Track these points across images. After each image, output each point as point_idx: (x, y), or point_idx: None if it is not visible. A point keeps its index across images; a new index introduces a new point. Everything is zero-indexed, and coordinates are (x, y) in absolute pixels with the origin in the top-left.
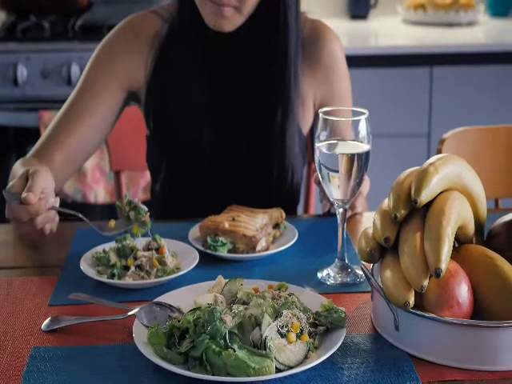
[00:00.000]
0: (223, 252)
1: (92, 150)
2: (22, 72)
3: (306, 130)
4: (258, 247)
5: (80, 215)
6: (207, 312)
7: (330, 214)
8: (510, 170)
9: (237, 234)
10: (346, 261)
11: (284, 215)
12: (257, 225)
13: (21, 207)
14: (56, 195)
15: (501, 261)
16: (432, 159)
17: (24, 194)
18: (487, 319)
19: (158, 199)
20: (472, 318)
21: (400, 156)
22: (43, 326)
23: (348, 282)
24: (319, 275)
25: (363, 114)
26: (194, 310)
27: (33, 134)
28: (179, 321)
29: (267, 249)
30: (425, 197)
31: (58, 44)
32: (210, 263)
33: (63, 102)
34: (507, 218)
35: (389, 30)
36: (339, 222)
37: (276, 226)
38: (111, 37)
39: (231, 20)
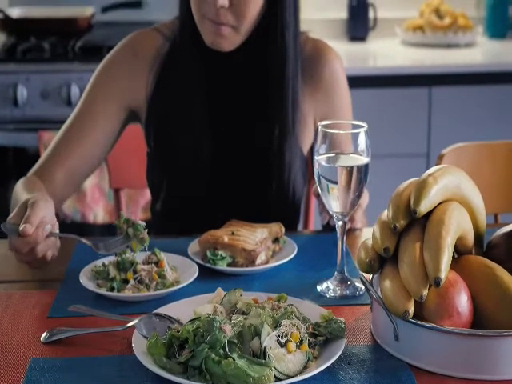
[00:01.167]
0: (222, 266)
1: (92, 169)
2: (22, 92)
3: (306, 149)
4: (258, 261)
5: (80, 238)
6: (207, 322)
7: (329, 227)
8: (510, 185)
9: (236, 248)
10: (346, 274)
11: (283, 230)
12: (256, 239)
13: (19, 239)
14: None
15: (500, 271)
16: (431, 170)
17: (21, 227)
18: (487, 329)
19: (158, 217)
20: (471, 327)
21: (399, 176)
22: (42, 337)
23: (347, 295)
24: (319, 288)
25: (362, 127)
26: (193, 320)
27: (33, 154)
28: (178, 331)
29: (266, 263)
30: (424, 207)
31: (58, 65)
32: (209, 277)
33: (63, 122)
34: (507, 229)
35: (388, 52)
36: (339, 235)
37: (275, 240)
38: (111, 57)
39: (229, 39)
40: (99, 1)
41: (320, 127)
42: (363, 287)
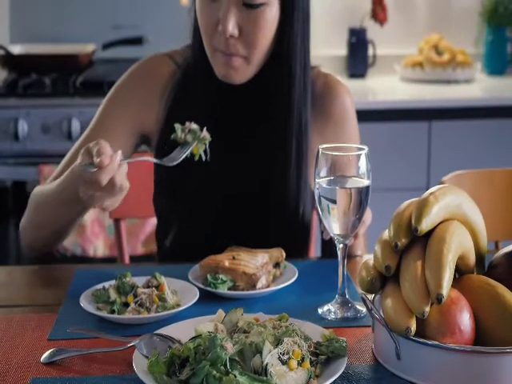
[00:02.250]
0: (223, 289)
1: None
2: (23, 127)
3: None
4: (258, 285)
5: (149, 159)
6: (208, 339)
7: (331, 243)
8: (509, 212)
9: (237, 272)
10: (347, 296)
11: (284, 255)
12: (257, 263)
13: (97, 172)
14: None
15: (502, 289)
16: (432, 189)
17: (97, 160)
18: (489, 346)
19: (168, 251)
20: (473, 345)
21: None
22: (42, 358)
23: (349, 317)
24: (320, 311)
25: (363, 149)
26: (194, 337)
27: (33, 188)
28: (179, 350)
29: (267, 287)
30: (425, 225)
31: (59, 99)
32: (210, 301)
33: (64, 156)
34: (508, 249)
35: (387, 88)
36: (339, 258)
37: (276, 265)
38: (123, 82)
39: (241, 71)
40: (100, 38)
41: (321, 150)
42: (364, 310)
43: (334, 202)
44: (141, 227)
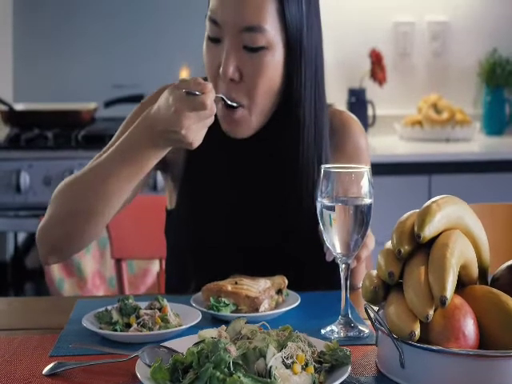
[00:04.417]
0: (226, 313)
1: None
2: (25, 179)
3: None
4: (261, 309)
5: (220, 95)
6: (211, 343)
7: (335, 264)
8: (510, 247)
9: (240, 296)
10: (350, 316)
11: (286, 282)
12: (259, 287)
13: (203, 96)
14: None
15: (505, 296)
16: (435, 198)
17: (199, 86)
18: None
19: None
20: None
21: None
22: (44, 370)
23: (352, 336)
24: (323, 331)
25: (364, 168)
26: (197, 342)
27: (34, 241)
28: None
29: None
30: (428, 232)
31: (61, 152)
32: (212, 324)
33: None
34: (510, 262)
35: (387, 146)
36: (342, 278)
37: (278, 291)
38: (148, 100)
39: (243, 124)
40: (101, 97)
41: (323, 168)
42: (367, 330)
43: (336, 222)
44: (142, 278)
